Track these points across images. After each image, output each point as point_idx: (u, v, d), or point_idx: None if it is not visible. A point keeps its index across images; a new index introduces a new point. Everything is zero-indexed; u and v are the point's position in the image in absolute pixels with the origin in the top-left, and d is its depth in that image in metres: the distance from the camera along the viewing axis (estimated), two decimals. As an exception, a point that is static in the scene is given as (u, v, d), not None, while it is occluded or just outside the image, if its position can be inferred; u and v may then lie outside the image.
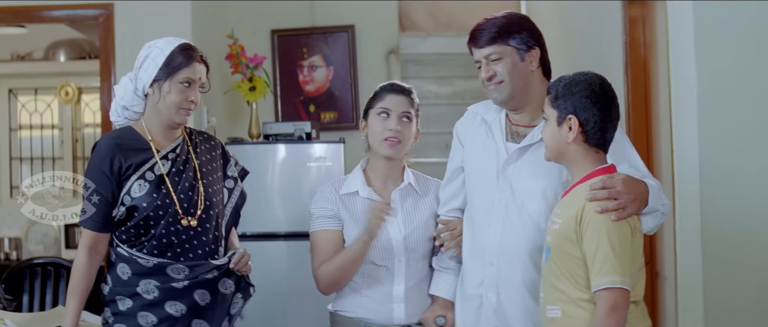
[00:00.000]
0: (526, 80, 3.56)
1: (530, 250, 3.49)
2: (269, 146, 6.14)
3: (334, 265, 3.79)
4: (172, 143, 3.75)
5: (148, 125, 3.72)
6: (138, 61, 3.71)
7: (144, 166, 3.66)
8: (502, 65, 3.53)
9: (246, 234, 5.92)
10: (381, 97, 3.91)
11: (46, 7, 6.24)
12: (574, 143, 3.21)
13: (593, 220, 3.07)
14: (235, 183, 3.90)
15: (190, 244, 3.67)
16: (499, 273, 3.55)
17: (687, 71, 4.54)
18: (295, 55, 7.68)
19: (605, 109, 3.19)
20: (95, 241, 3.67)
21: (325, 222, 3.88)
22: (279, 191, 6.09)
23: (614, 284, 3.02)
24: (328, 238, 3.85)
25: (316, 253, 3.87)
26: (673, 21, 4.75)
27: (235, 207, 3.88)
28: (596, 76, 3.24)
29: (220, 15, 7.20)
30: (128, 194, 3.63)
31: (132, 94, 3.71)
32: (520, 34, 3.54)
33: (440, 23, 9.49)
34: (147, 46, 3.72)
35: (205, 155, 3.83)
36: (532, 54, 3.56)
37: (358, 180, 3.91)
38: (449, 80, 8.77)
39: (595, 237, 3.06)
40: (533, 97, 3.57)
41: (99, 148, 3.68)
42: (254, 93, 6.51)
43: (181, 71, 3.66)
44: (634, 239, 3.13)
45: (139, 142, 3.69)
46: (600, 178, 3.15)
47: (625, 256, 3.06)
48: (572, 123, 3.19)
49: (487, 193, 3.60)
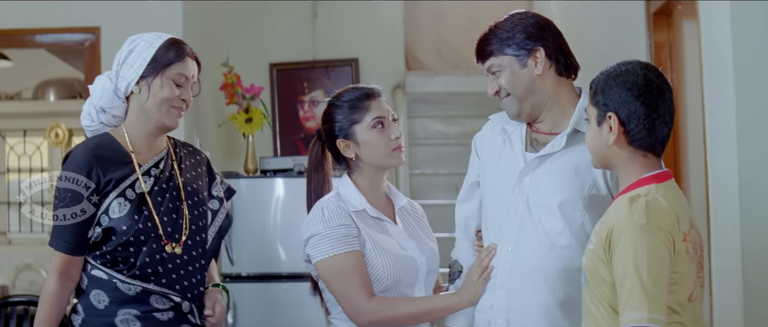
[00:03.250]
0: (533, 87, 3.24)
1: (546, 271, 3.17)
2: (267, 180, 5.99)
3: (401, 310, 3.28)
4: (155, 156, 3.36)
5: (130, 132, 3.32)
6: (119, 56, 3.32)
7: (124, 182, 3.25)
8: (503, 77, 3.25)
9: (241, 275, 5.79)
10: (365, 107, 3.39)
11: (31, 31, 5.97)
12: (615, 146, 2.79)
13: (623, 240, 2.65)
14: (220, 204, 3.51)
15: (176, 273, 3.28)
16: (510, 297, 3.22)
17: (724, 92, 4.29)
18: (295, 90, 7.43)
19: (650, 102, 2.75)
20: (68, 265, 3.24)
21: (349, 242, 3.28)
22: (278, 229, 5.92)
23: (640, 323, 2.57)
24: (360, 261, 3.27)
25: (351, 280, 3.26)
26: (708, 40, 4.52)
27: (219, 231, 3.47)
28: (640, 65, 2.80)
29: (215, 46, 6.91)
30: (106, 214, 3.20)
31: (111, 95, 3.29)
32: (513, 38, 3.23)
33: (448, 63, 9.35)
34: (130, 39, 3.34)
35: (191, 172, 3.45)
36: (536, 56, 3.23)
37: (358, 197, 3.40)
38: (458, 120, 8.64)
39: (622, 262, 2.64)
40: (549, 102, 3.27)
41: (74, 158, 3.24)
42: (251, 125, 6.27)
43: (172, 66, 3.28)
44: (678, 262, 2.69)
45: (120, 154, 3.29)
46: None
47: (660, 285, 2.62)
48: (612, 122, 2.77)
49: (501, 208, 3.29)
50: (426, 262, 3.39)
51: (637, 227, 2.64)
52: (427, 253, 3.43)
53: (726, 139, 4.27)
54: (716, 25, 4.39)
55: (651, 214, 2.67)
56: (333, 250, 3.26)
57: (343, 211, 3.31)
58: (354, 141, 3.36)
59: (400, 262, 3.32)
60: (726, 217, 4.27)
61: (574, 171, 3.19)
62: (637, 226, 2.65)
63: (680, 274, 2.70)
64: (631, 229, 2.65)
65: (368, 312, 3.24)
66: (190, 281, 3.30)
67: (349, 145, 3.37)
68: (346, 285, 3.25)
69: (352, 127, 3.36)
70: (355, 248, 3.26)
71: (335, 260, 3.26)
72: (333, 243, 3.26)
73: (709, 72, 4.51)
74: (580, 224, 3.15)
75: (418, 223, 3.53)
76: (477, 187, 3.45)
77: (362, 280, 3.24)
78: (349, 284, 3.25)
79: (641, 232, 2.64)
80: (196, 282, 3.33)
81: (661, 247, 2.65)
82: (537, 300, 3.17)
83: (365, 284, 3.25)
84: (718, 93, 4.40)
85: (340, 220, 3.29)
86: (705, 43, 4.55)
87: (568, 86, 3.28)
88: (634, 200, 2.71)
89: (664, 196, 2.74)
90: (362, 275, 3.25)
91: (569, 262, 3.14)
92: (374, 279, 3.29)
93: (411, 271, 3.35)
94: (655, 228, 2.65)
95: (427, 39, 9.39)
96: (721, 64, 4.32)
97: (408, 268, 3.34)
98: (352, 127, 3.36)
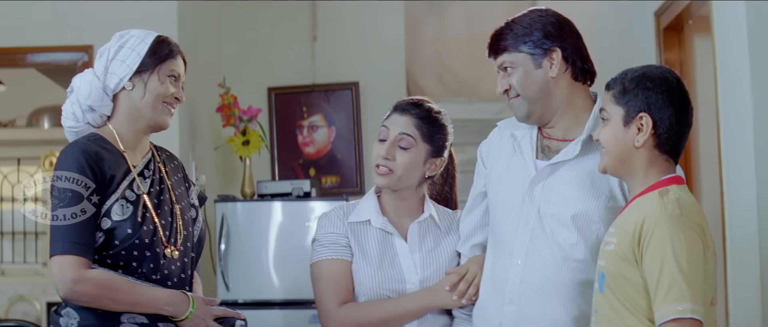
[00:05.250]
0: (546, 89, 3.10)
1: (558, 286, 3.04)
2: (264, 204, 5.89)
3: (370, 314, 3.27)
4: (144, 157, 3.20)
5: (120, 131, 3.14)
6: (107, 52, 3.15)
7: (123, 182, 3.06)
8: (516, 76, 3.12)
9: (238, 302, 5.68)
10: (388, 115, 3.42)
11: (22, 49, 5.85)
12: (643, 148, 2.72)
13: (657, 231, 2.55)
14: (197, 213, 3.34)
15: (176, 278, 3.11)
16: (520, 313, 3.09)
17: (741, 107, 4.22)
18: (294, 115, 7.23)
19: (682, 110, 2.73)
20: (80, 269, 2.91)
21: (335, 250, 3.32)
22: (274, 254, 5.79)
23: (684, 314, 2.48)
24: (339, 270, 3.30)
25: (325, 286, 3.31)
26: (723, 55, 4.46)
27: (198, 240, 3.30)
28: (670, 72, 2.78)
29: (212, 70, 6.77)
30: (108, 216, 3.00)
31: (101, 93, 3.11)
32: (530, 36, 3.11)
33: (449, 89, 9.18)
34: (119, 35, 3.17)
35: (175, 176, 3.29)
36: (552, 57, 3.09)
37: (371, 207, 3.36)
38: (461, 147, 8.30)
39: (659, 254, 2.53)
40: (562, 106, 3.13)
41: (70, 158, 3.01)
42: (248, 147, 6.14)
43: (167, 62, 3.14)
44: (706, 259, 2.60)
45: (114, 153, 3.10)
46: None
47: (697, 278, 2.53)
48: (644, 122, 2.70)
49: (511, 219, 3.15)
50: (419, 283, 3.30)
51: (671, 218, 2.57)
52: (430, 270, 3.32)
53: (743, 154, 4.21)
54: (731, 39, 4.32)
55: (684, 207, 2.60)
56: (319, 255, 3.34)
57: (340, 220, 3.35)
58: None
59: (382, 279, 3.29)
60: (743, 233, 4.18)
61: (589, 180, 3.04)
62: (672, 217, 2.57)
63: (709, 273, 2.61)
64: (666, 219, 2.57)
65: (336, 318, 3.26)
66: (183, 288, 3.13)
67: None
68: (320, 290, 3.31)
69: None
70: (339, 257, 3.31)
71: (318, 266, 3.34)
72: (321, 249, 3.34)
73: (724, 87, 4.46)
74: (595, 237, 2.99)
75: (438, 236, 3.40)
76: (483, 197, 3.32)
77: (336, 288, 3.28)
78: (323, 290, 3.31)
79: (677, 222, 2.56)
80: (189, 290, 3.17)
81: (696, 239, 2.57)
82: (549, 316, 3.04)
83: (338, 292, 3.28)
84: (733, 108, 4.34)
85: (332, 228, 3.36)
86: (719, 59, 4.49)
87: (584, 92, 3.14)
88: (663, 194, 2.64)
89: (689, 196, 2.69)
90: (338, 283, 3.29)
91: (584, 277, 2.99)
92: (358, 290, 3.30)
93: (396, 290, 3.30)
94: (689, 220, 2.57)
95: (428, 65, 9.28)
96: (737, 79, 4.26)
97: (391, 287, 3.29)
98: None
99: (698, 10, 4.84)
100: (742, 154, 4.19)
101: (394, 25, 7.52)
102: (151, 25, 3.41)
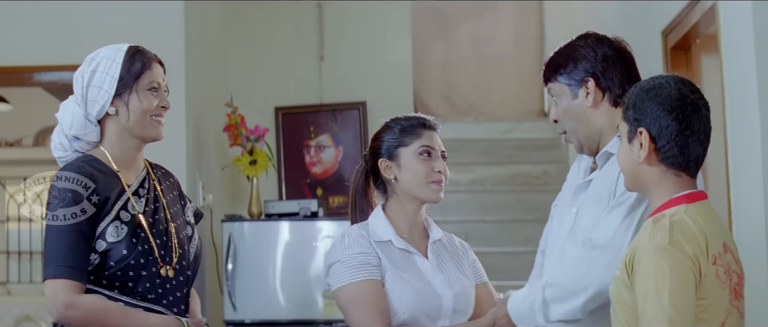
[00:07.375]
0: (585, 121, 3.08)
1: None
2: (271, 223, 5.89)
3: None
4: (138, 176, 3.17)
5: (112, 153, 3.11)
6: (81, 79, 3.10)
7: (117, 203, 3.03)
8: (560, 106, 3.12)
9: (245, 321, 5.65)
10: (417, 133, 3.30)
11: (28, 68, 5.79)
12: (646, 163, 2.61)
13: (644, 262, 2.47)
14: (193, 231, 3.29)
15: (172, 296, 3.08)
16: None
17: (748, 124, 4.19)
18: (301, 134, 7.25)
19: (684, 118, 2.57)
20: (73, 294, 2.90)
21: (367, 270, 3.17)
22: (281, 273, 5.79)
23: None
24: (377, 290, 3.16)
25: (368, 309, 3.14)
26: (731, 72, 4.42)
27: (195, 258, 3.25)
28: (675, 79, 2.63)
29: (219, 89, 6.75)
30: (102, 238, 2.97)
31: (83, 121, 3.08)
32: (566, 66, 3.09)
33: (457, 109, 9.19)
34: (89, 58, 3.12)
35: (170, 193, 3.25)
36: (587, 87, 3.06)
37: (386, 227, 3.27)
38: (468, 167, 8.44)
39: (643, 287, 2.45)
40: (603, 133, 3.08)
41: (67, 176, 3.01)
42: (255, 167, 6.14)
43: (143, 76, 3.09)
44: (706, 288, 2.49)
45: (108, 173, 3.07)
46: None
47: (684, 311, 2.42)
48: (643, 138, 2.60)
49: (554, 237, 3.20)
50: (453, 299, 3.24)
51: (658, 248, 2.47)
52: (457, 288, 3.26)
53: (751, 173, 4.17)
54: (739, 59, 4.29)
55: (674, 234, 2.49)
56: (350, 277, 3.17)
57: (365, 240, 3.22)
58: (396, 163, 3.27)
59: (420, 296, 3.19)
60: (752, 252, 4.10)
61: (596, 197, 3.03)
62: (658, 247, 2.47)
63: (710, 301, 2.50)
64: (652, 250, 2.48)
65: None
66: (179, 307, 3.10)
67: (391, 166, 3.27)
68: (362, 313, 3.14)
69: (398, 148, 3.27)
70: (373, 277, 3.16)
71: (352, 288, 3.17)
72: (351, 270, 3.17)
73: (731, 106, 4.42)
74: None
75: (454, 258, 3.37)
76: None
77: (379, 309, 3.13)
78: (365, 312, 3.14)
79: (662, 253, 2.46)
80: (185, 307, 3.14)
81: (685, 270, 2.46)
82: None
83: (382, 313, 3.13)
84: (741, 127, 4.31)
85: (359, 248, 3.21)
86: (727, 78, 4.46)
87: None
88: (657, 221, 2.54)
89: (693, 217, 2.56)
90: (379, 304, 3.14)
91: None
92: (392, 312, 3.17)
93: (433, 306, 3.21)
94: (677, 250, 2.46)
95: (435, 85, 9.27)
96: (745, 98, 4.23)
97: (430, 304, 3.20)
98: (398, 149, 3.27)
99: (706, 29, 4.81)
100: (751, 173, 4.16)
101: (401, 44, 7.52)
102: (160, 47, 3.37)
